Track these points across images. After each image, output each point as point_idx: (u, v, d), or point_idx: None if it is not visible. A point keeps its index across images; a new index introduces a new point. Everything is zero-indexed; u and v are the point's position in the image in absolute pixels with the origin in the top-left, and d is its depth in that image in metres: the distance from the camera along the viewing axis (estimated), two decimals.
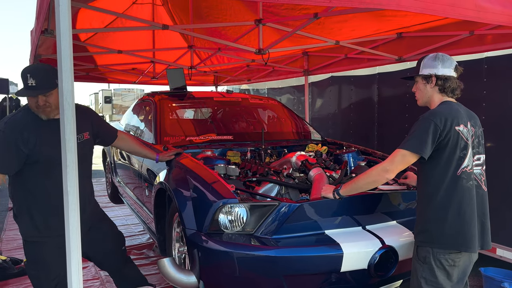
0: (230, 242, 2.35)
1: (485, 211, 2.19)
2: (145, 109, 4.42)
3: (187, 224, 2.51)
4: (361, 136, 5.52)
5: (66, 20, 1.44)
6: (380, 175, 2.19)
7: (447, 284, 2.14)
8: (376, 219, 2.66)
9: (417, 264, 2.21)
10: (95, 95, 31.96)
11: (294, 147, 3.86)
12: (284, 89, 7.44)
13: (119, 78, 7.43)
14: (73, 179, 1.49)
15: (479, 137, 2.23)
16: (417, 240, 2.23)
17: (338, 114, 6.04)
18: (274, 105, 4.73)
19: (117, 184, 5.20)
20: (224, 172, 2.83)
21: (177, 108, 4.35)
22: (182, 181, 2.75)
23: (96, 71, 6.94)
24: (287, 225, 2.40)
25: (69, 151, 1.48)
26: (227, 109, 4.51)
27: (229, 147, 3.63)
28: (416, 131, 2.12)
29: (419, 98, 2.33)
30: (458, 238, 2.10)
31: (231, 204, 2.40)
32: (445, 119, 2.08)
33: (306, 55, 5.75)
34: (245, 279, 2.33)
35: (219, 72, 7.52)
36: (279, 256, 2.26)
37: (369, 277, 2.41)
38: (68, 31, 1.46)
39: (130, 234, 5.41)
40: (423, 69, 2.26)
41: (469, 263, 2.20)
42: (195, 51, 6.08)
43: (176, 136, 3.72)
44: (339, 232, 2.48)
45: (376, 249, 2.36)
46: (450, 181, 2.10)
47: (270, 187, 2.81)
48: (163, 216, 3.20)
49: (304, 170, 3.04)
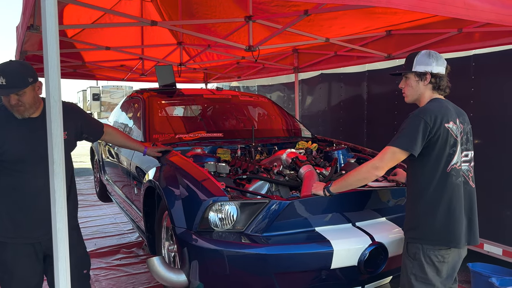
0: (220, 240, 2.34)
1: (472, 207, 2.21)
2: (134, 106, 4.38)
3: (177, 223, 2.49)
4: (350, 133, 5.54)
5: (52, 15, 1.41)
6: (370, 172, 2.20)
7: (437, 280, 2.15)
8: (366, 216, 2.67)
9: (407, 261, 2.22)
10: (83, 92, 31.59)
11: (284, 145, 3.86)
12: (274, 86, 7.43)
13: (107, 75, 7.34)
14: (60, 177, 1.46)
15: (468, 134, 2.25)
16: (407, 237, 2.24)
17: (328, 111, 6.06)
18: (264, 102, 4.72)
19: (106, 182, 5.15)
20: (214, 170, 2.81)
21: (166, 105, 4.31)
22: (172, 179, 2.72)
23: (83, 68, 6.84)
24: (278, 222, 2.39)
25: (56, 150, 1.45)
26: (217, 106, 4.49)
27: (219, 144, 3.61)
28: (406, 129, 2.13)
29: (409, 95, 2.32)
30: (447, 235, 2.12)
31: (221, 202, 2.38)
32: (435, 116, 2.09)
33: (296, 53, 5.74)
34: (235, 277, 2.32)
35: (209, 69, 7.48)
36: (270, 254, 2.25)
37: (359, 273, 2.41)
38: (54, 27, 1.43)
39: (119, 233, 5.37)
40: (417, 66, 2.25)
41: (458, 259, 2.22)
42: (185, 47, 6.04)
43: (165, 133, 3.69)
44: (329, 229, 2.48)
45: (366, 245, 2.37)
46: (440, 178, 2.11)
47: (261, 184, 2.80)
48: (152, 214, 3.17)
49: (294, 167, 3.03)
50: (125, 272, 4.11)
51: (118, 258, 4.50)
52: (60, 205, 1.47)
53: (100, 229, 5.54)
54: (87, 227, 5.60)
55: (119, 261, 4.40)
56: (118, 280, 3.93)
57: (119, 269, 4.20)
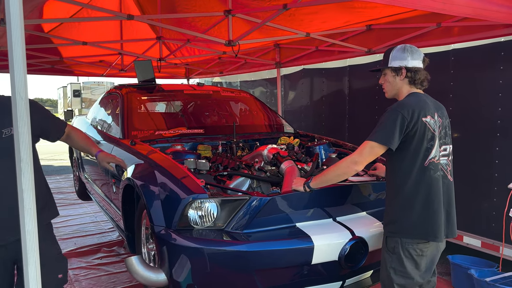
0: (200, 238, 2.30)
1: (450, 201, 2.23)
2: (112, 103, 4.29)
3: (155, 221, 2.44)
4: (332, 128, 5.55)
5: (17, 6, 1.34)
6: (349, 167, 2.19)
7: (416, 273, 2.17)
8: (346, 210, 2.67)
9: (386, 255, 2.23)
10: (63, 88, 30.94)
11: (266, 140, 3.84)
12: (257, 81, 7.40)
13: (86, 71, 7.20)
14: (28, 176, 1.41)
15: (446, 128, 2.26)
16: (386, 231, 2.25)
17: (310, 107, 6.06)
18: (246, 97, 4.68)
19: (85, 180, 5.05)
20: (194, 167, 2.77)
21: (146, 101, 4.24)
22: (150, 176, 2.67)
23: (61, 64, 6.69)
24: (258, 219, 2.37)
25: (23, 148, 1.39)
26: (198, 102, 4.43)
27: (200, 140, 3.57)
28: (383, 123, 2.13)
29: (388, 91, 2.33)
30: (425, 228, 2.13)
31: (201, 199, 2.34)
32: (413, 110, 2.09)
33: (278, 47, 5.72)
34: (216, 275, 2.29)
35: (191, 64, 7.40)
36: (250, 250, 2.23)
37: (340, 268, 2.41)
38: (19, 20, 1.36)
39: (100, 231, 5.28)
40: (392, 61, 2.26)
41: (436, 252, 2.24)
42: (164, 42, 5.95)
43: (145, 130, 3.62)
44: (310, 224, 2.47)
45: (347, 240, 2.37)
46: (418, 172, 2.12)
47: (242, 181, 2.78)
48: (131, 212, 3.11)
49: (275, 163, 3.01)
50: (106, 272, 4.04)
51: (98, 257, 4.43)
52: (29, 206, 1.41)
53: (80, 228, 5.44)
54: (67, 226, 5.50)
55: (99, 260, 4.33)
56: (99, 279, 3.87)
57: (99, 268, 4.13)
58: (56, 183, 8.53)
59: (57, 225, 5.51)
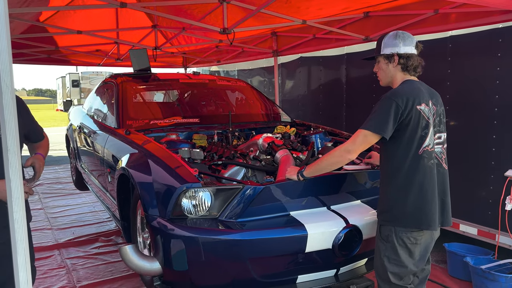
0: (194, 227, 2.30)
1: (445, 189, 2.22)
2: (108, 92, 4.27)
3: (149, 210, 2.44)
4: (330, 116, 5.53)
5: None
6: (343, 155, 2.18)
7: (409, 261, 2.17)
8: (341, 199, 2.66)
9: (380, 243, 2.23)
10: (62, 78, 30.89)
11: (262, 129, 3.82)
12: (254, 70, 7.35)
13: (83, 60, 7.14)
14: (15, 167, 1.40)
15: (441, 116, 2.24)
16: (380, 219, 2.24)
17: (308, 95, 6.02)
18: (243, 86, 4.65)
19: (81, 170, 5.05)
20: (188, 156, 2.76)
21: (141, 90, 4.21)
22: (144, 166, 2.66)
23: (58, 53, 6.64)
24: (252, 208, 2.37)
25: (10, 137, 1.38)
26: (194, 91, 4.40)
27: (196, 130, 3.55)
28: (377, 111, 2.11)
29: (382, 78, 2.31)
30: (419, 217, 2.12)
31: (195, 189, 2.34)
32: (407, 98, 2.07)
33: (275, 36, 5.67)
34: (209, 264, 2.29)
35: (188, 53, 7.34)
36: (243, 239, 2.23)
37: (334, 256, 2.42)
38: (3, 6, 1.34)
39: (98, 221, 5.30)
40: (384, 49, 2.24)
41: (430, 241, 2.24)
42: (161, 31, 5.89)
43: (140, 119, 3.60)
44: (304, 213, 2.47)
45: (340, 228, 2.37)
46: (412, 160, 2.10)
47: (236, 170, 2.77)
48: (127, 202, 3.11)
49: (270, 152, 3.00)
50: (103, 261, 4.06)
51: (96, 246, 4.45)
52: (17, 195, 1.40)
53: (78, 217, 5.46)
54: (66, 216, 5.51)
55: (97, 250, 4.34)
56: (96, 268, 3.89)
57: (97, 257, 4.15)
58: (54, 173, 8.53)
59: (55, 215, 5.54)
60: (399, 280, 2.20)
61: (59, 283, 3.59)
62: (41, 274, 3.78)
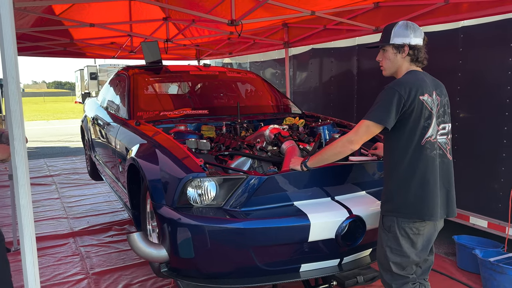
0: (199, 216, 2.35)
1: (449, 180, 2.21)
2: (120, 84, 4.34)
3: (156, 199, 2.50)
4: (341, 108, 5.51)
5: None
6: (345, 146, 2.19)
7: (412, 252, 2.18)
8: (345, 190, 2.68)
9: (382, 233, 2.25)
10: (80, 71, 31.34)
11: (271, 121, 3.84)
12: (266, 62, 7.36)
13: (98, 53, 7.26)
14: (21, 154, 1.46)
15: (445, 106, 2.22)
16: (383, 210, 2.25)
17: (319, 87, 6.01)
18: (253, 78, 4.67)
19: (96, 161, 5.17)
20: (195, 147, 2.80)
21: (152, 82, 4.27)
22: (152, 156, 2.72)
23: (73, 46, 6.76)
24: (256, 197, 2.41)
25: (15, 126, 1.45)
26: (204, 83, 4.45)
27: (205, 121, 3.60)
28: (380, 102, 2.11)
29: (387, 68, 2.30)
30: (421, 207, 2.12)
31: (200, 178, 2.39)
32: (410, 88, 2.07)
33: (286, 27, 5.66)
34: (214, 251, 2.34)
35: (201, 45, 7.38)
36: (247, 228, 2.27)
37: (337, 246, 2.44)
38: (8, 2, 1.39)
39: (112, 211, 5.43)
40: (394, 38, 2.21)
41: (433, 231, 2.24)
42: (175, 24, 5.93)
43: (150, 111, 3.67)
44: (307, 203, 2.49)
45: (343, 218, 2.38)
46: (414, 150, 2.10)
47: (243, 160, 2.81)
48: (137, 191, 3.19)
49: (277, 143, 3.03)
50: (116, 249, 4.17)
51: (110, 235, 4.57)
52: (23, 182, 1.47)
53: (93, 207, 5.60)
54: (81, 205, 5.66)
55: (110, 238, 4.46)
56: (109, 256, 4.00)
57: (110, 245, 4.26)
58: (72, 164, 8.74)
59: (71, 205, 5.69)
60: (401, 270, 2.21)
61: (73, 270, 3.71)
62: (56, 260, 3.91)
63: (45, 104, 43.05)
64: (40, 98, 58.49)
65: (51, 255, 4.04)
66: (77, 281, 3.50)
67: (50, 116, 26.24)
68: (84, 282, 3.47)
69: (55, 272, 3.66)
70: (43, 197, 6.11)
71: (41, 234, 4.54)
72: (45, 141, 13.33)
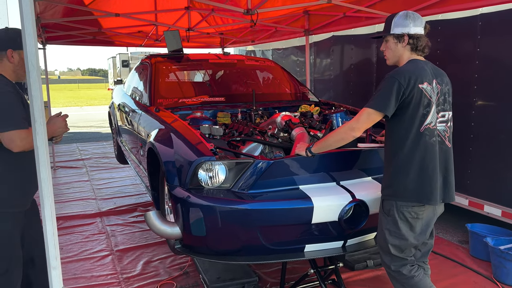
0: (210, 197, 2.50)
1: (448, 166, 2.26)
2: (143, 72, 4.54)
3: (170, 181, 2.67)
4: (360, 96, 5.52)
5: None
6: (347, 133, 2.28)
7: (410, 235, 2.26)
8: (351, 175, 2.76)
9: (382, 217, 2.33)
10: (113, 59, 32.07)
11: (286, 108, 3.93)
12: (288, 49, 7.40)
13: (125, 41, 7.50)
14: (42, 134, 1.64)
15: (445, 95, 2.26)
16: (383, 194, 2.34)
17: (339, 74, 6.02)
18: (271, 66, 4.76)
19: (121, 145, 5.42)
20: (208, 132, 2.95)
21: (172, 70, 4.44)
22: (167, 140, 2.89)
23: (102, 35, 7.03)
24: (263, 181, 2.53)
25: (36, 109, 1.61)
26: (222, 71, 4.57)
27: (221, 108, 3.73)
28: (381, 90, 2.18)
29: (389, 58, 2.37)
30: (420, 192, 2.19)
31: (211, 162, 2.53)
32: (409, 77, 2.13)
33: (307, 14, 5.68)
34: (223, 230, 2.49)
35: (225, 33, 7.50)
36: (253, 209, 2.40)
37: (341, 228, 2.54)
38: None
39: (139, 193, 5.70)
40: (394, 28, 2.28)
41: (433, 216, 2.30)
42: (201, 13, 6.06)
43: (169, 98, 3.84)
44: (312, 187, 2.59)
45: (346, 202, 2.48)
46: (413, 137, 2.17)
47: (254, 146, 2.93)
48: (156, 173, 3.37)
49: (287, 129, 3.13)
50: (139, 228, 4.42)
51: (134, 215, 4.83)
52: (44, 160, 1.65)
53: (120, 189, 5.90)
54: (109, 188, 5.97)
55: (135, 218, 4.72)
56: (133, 235, 4.25)
57: (134, 225, 4.52)
58: (102, 149, 9.14)
59: (99, 187, 6.01)
60: (400, 252, 2.30)
61: (99, 247, 3.98)
62: (83, 238, 4.19)
63: (79, 91, 44.48)
64: (75, 85, 60.34)
65: (79, 233, 4.33)
66: (102, 257, 3.76)
67: (83, 102, 27.18)
68: (108, 258, 3.73)
69: (83, 248, 3.93)
70: (74, 179, 6.47)
71: (70, 214, 4.86)
72: (78, 127, 13.90)
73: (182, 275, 3.37)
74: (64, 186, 6.12)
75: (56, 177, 6.68)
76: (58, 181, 6.41)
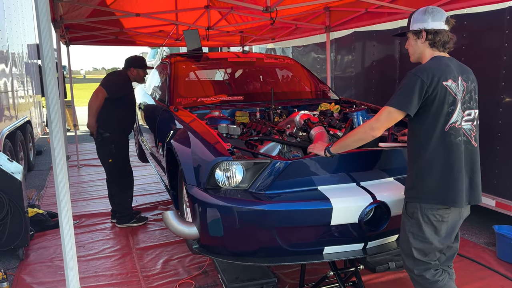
0: (227, 197, 2.47)
1: (474, 167, 2.17)
2: (163, 71, 4.56)
3: (188, 180, 2.66)
4: (382, 94, 5.40)
5: None
6: (367, 132, 2.21)
7: (434, 238, 2.17)
8: (372, 176, 2.68)
9: (405, 219, 2.25)
10: None
11: (306, 107, 3.88)
12: (309, 47, 7.31)
13: (147, 41, 7.57)
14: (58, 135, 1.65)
15: (472, 92, 2.17)
16: (406, 196, 2.26)
17: (361, 72, 5.91)
18: (290, 64, 4.70)
19: (142, 144, 5.48)
20: (226, 132, 2.93)
21: (191, 69, 4.44)
22: (185, 140, 2.88)
23: (124, 35, 7.11)
24: (280, 181, 2.49)
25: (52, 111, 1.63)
26: (241, 69, 4.55)
27: (240, 107, 3.70)
28: (402, 88, 2.11)
29: (412, 54, 2.30)
30: (444, 194, 2.10)
31: (228, 162, 2.51)
32: (432, 74, 2.05)
33: (328, 11, 5.59)
34: (240, 231, 2.46)
35: (245, 31, 7.47)
36: (270, 210, 2.36)
37: (361, 230, 2.47)
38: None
39: (159, 191, 5.75)
40: (413, 24, 2.22)
41: (458, 219, 2.22)
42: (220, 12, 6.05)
43: (188, 97, 3.83)
44: (331, 188, 2.53)
45: (366, 204, 2.41)
46: (438, 137, 2.08)
47: (272, 146, 2.89)
48: (175, 173, 3.38)
49: (306, 129, 3.08)
50: (159, 226, 4.45)
51: (155, 214, 4.87)
52: (60, 160, 1.66)
53: (142, 187, 5.96)
54: None
55: (155, 217, 4.76)
56: (153, 233, 4.28)
57: (154, 223, 4.55)
58: None
59: None
60: (423, 256, 2.22)
61: (120, 244, 4.02)
62: (105, 235, 4.25)
63: None
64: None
65: (101, 231, 4.39)
66: (122, 254, 3.80)
67: None
68: (128, 256, 3.76)
69: (104, 246, 3.99)
70: (97, 177, 6.57)
71: (93, 211, 4.94)
72: None
73: (201, 275, 3.37)
74: (88, 184, 6.22)
75: (80, 175, 6.80)
76: (82, 179, 6.53)
